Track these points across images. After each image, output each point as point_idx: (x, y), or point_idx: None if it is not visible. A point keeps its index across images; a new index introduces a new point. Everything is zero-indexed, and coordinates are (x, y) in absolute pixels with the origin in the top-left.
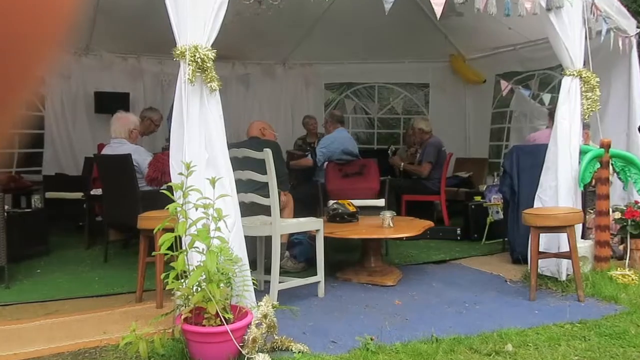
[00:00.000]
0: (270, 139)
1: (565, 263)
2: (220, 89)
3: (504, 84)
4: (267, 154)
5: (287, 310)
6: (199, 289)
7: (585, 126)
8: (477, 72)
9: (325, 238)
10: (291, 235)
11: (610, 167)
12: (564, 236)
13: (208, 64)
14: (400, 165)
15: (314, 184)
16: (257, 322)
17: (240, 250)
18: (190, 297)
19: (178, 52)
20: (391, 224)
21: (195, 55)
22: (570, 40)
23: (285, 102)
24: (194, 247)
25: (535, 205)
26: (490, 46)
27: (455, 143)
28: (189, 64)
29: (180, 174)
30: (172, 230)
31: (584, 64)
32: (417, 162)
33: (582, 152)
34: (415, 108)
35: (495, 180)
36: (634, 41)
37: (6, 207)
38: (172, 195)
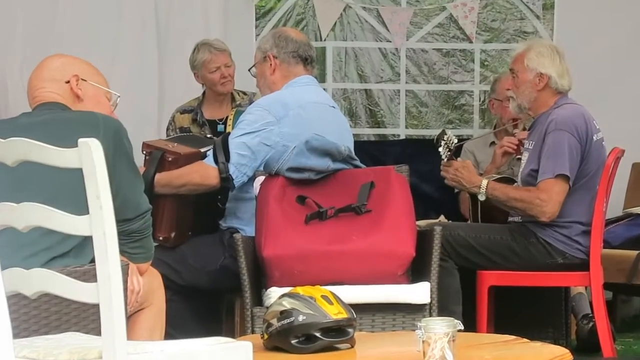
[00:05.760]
0: (97, 111)
1: None
2: None
3: None
4: (89, 153)
5: None
6: None
7: None
8: None
9: None
10: None
11: None
12: None
13: None
14: (480, 186)
15: (222, 239)
16: None
17: None
18: None
19: None
20: (448, 357)
21: None
22: None
23: (139, 4)
24: None
25: None
26: None
27: (632, 124)
28: None
29: None
30: None
31: None
32: (522, 177)
33: None
34: (513, 22)
35: None
36: None
37: None
38: None
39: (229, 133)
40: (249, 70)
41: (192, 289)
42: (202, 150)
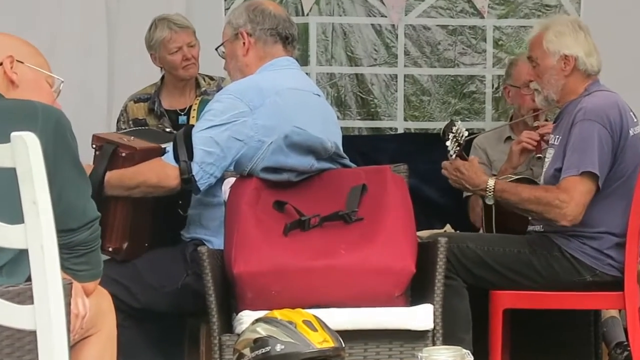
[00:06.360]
0: (35, 99)
1: None
2: None
3: None
4: (24, 150)
5: None
6: None
7: None
8: None
9: None
10: None
11: None
12: None
13: None
14: (486, 188)
15: (184, 253)
16: None
17: None
18: None
19: None
20: None
21: None
22: None
23: None
24: None
25: None
26: None
27: None
28: None
29: None
30: None
31: None
32: (546, 179)
33: None
34: None
35: None
36: None
37: None
38: None
39: (192, 125)
40: (216, 49)
41: (148, 311)
42: (163, 146)
